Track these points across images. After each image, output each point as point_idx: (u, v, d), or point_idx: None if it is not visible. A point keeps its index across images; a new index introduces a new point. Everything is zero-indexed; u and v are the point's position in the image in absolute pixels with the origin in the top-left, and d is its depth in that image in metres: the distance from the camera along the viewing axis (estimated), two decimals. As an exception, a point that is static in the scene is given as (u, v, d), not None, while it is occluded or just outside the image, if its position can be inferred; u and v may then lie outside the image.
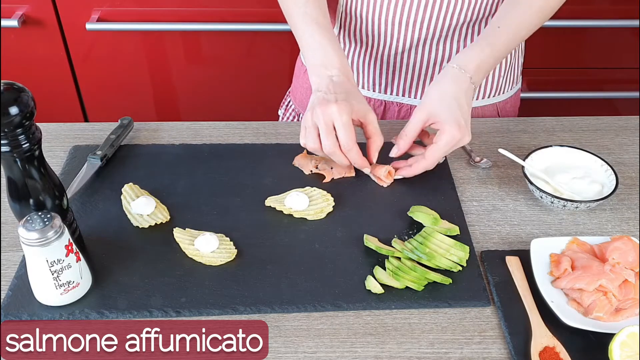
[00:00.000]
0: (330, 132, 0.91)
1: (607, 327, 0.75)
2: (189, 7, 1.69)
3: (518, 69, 1.22)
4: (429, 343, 0.76)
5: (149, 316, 0.77)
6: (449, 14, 1.06)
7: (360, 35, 1.13)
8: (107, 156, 1.00)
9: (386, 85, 1.18)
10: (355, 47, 1.16)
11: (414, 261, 0.83)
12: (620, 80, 1.91)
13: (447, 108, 0.92)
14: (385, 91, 1.19)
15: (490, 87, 1.18)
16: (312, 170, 0.99)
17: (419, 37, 1.09)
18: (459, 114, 0.92)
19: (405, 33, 1.09)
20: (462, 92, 0.94)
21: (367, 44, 1.14)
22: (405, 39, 1.10)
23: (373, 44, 1.13)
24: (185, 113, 1.92)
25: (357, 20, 1.11)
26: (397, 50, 1.12)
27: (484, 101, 1.19)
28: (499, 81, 1.18)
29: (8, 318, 0.77)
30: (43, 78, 1.77)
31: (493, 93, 1.19)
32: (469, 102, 0.95)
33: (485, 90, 1.18)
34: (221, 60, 1.79)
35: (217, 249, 0.85)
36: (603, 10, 1.75)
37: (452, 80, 0.94)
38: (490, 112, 1.20)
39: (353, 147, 0.92)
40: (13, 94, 0.70)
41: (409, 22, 1.07)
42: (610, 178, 0.94)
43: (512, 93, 1.23)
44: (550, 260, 0.83)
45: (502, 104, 1.21)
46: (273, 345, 0.75)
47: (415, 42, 1.10)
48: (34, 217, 0.72)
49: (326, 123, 0.91)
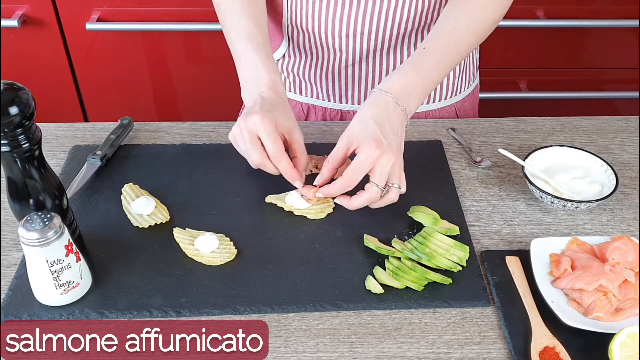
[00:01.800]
0: (255, 142, 0.88)
1: (607, 327, 0.75)
2: (189, 7, 1.69)
3: (473, 66, 1.22)
4: (429, 343, 0.76)
5: (149, 316, 0.77)
6: (395, 23, 1.05)
7: (310, 48, 1.12)
8: (107, 156, 1.00)
9: (340, 95, 1.17)
10: (305, 59, 1.14)
11: (414, 261, 0.83)
12: (620, 80, 1.91)
13: (364, 129, 0.86)
14: (340, 101, 1.18)
15: (445, 89, 1.18)
16: (312, 170, 0.98)
17: (367, 48, 1.08)
18: (378, 132, 0.86)
19: (353, 45, 1.08)
20: (385, 113, 0.88)
21: (317, 56, 1.12)
22: (354, 50, 1.08)
23: (323, 57, 1.12)
24: (185, 113, 1.92)
25: (304, 34, 1.10)
26: (347, 62, 1.11)
27: (441, 103, 1.19)
28: (454, 82, 1.18)
29: (8, 318, 0.77)
30: (43, 78, 1.77)
31: (450, 94, 1.19)
32: (393, 122, 0.88)
33: (441, 93, 1.18)
34: (221, 60, 1.78)
35: (217, 249, 0.85)
36: (603, 10, 1.75)
37: (372, 104, 0.89)
38: (449, 112, 1.21)
39: (282, 156, 0.88)
40: (13, 93, 0.70)
41: (355, 34, 1.06)
42: (610, 178, 0.94)
43: (469, 91, 1.23)
44: (550, 260, 0.83)
45: (460, 104, 1.22)
46: (273, 345, 0.75)
47: (365, 53, 1.09)
48: (34, 217, 0.72)
49: (250, 134, 0.88)
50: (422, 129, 1.10)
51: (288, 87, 1.21)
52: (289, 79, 1.20)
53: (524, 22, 1.72)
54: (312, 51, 1.12)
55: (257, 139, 0.89)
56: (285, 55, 1.17)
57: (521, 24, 1.73)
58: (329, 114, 1.20)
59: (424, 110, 1.18)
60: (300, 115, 1.22)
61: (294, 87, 1.21)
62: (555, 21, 1.72)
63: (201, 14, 1.69)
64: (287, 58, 1.17)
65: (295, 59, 1.16)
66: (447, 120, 1.13)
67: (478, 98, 1.29)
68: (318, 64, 1.14)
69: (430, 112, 1.19)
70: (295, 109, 1.21)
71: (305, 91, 1.20)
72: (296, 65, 1.17)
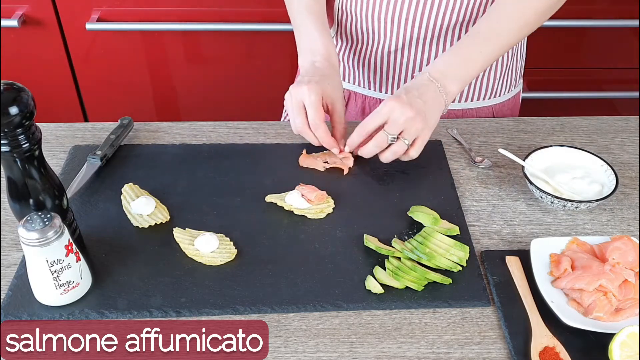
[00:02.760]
0: (300, 110, 0.97)
1: (607, 327, 0.75)
2: (189, 7, 1.69)
3: (516, 72, 1.23)
4: (429, 343, 0.76)
5: (148, 316, 0.77)
6: (440, 13, 1.07)
7: (357, 33, 1.14)
8: (107, 156, 1.00)
9: (380, 83, 1.19)
10: (351, 45, 1.17)
11: (414, 261, 0.83)
12: (620, 80, 1.91)
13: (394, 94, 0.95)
14: (380, 89, 1.20)
15: (485, 89, 1.18)
16: (326, 166, 1.00)
17: (411, 36, 1.10)
18: (402, 92, 0.94)
19: (397, 31, 1.10)
20: (417, 83, 0.96)
21: (362, 41, 1.15)
22: (397, 37, 1.11)
23: (367, 42, 1.14)
24: (185, 113, 1.92)
25: (352, 17, 1.13)
26: (390, 48, 1.13)
27: (478, 103, 1.20)
28: (494, 84, 1.19)
29: (8, 318, 0.77)
30: (43, 78, 1.77)
31: (488, 95, 1.20)
32: (423, 91, 0.95)
33: (480, 92, 1.19)
34: (221, 60, 1.79)
35: (217, 249, 0.85)
36: (603, 10, 1.75)
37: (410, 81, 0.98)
38: (486, 114, 1.21)
39: (320, 125, 0.96)
40: (13, 93, 0.70)
41: (400, 20, 1.09)
42: (610, 178, 0.94)
43: (510, 96, 1.23)
44: (550, 260, 0.83)
45: (499, 107, 1.22)
46: (273, 345, 0.75)
47: (407, 40, 1.11)
48: (34, 217, 0.72)
49: (297, 102, 0.97)
50: (422, 129, 1.10)
51: None
52: None
53: (524, 22, 1.72)
54: (358, 36, 1.15)
55: (303, 108, 0.97)
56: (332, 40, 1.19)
57: (521, 24, 1.73)
58: (367, 103, 1.22)
59: (461, 108, 1.19)
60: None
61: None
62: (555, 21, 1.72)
63: (201, 14, 1.69)
64: (334, 42, 1.20)
65: (342, 43, 1.19)
66: (447, 120, 1.13)
67: (519, 105, 1.29)
68: (362, 49, 1.16)
69: (467, 111, 1.20)
70: None
71: (348, 77, 1.22)
72: (342, 50, 1.20)
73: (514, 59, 1.20)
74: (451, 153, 1.05)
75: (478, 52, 0.99)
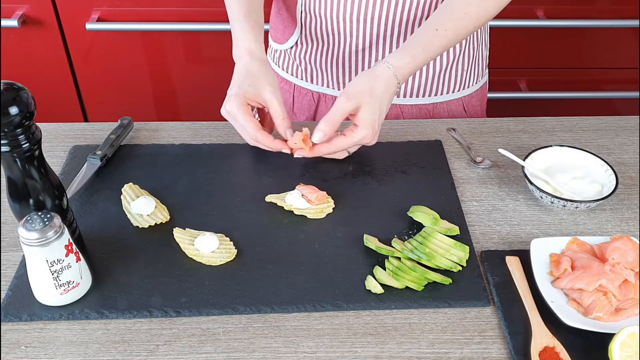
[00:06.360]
0: (240, 127, 0.96)
1: (607, 327, 0.75)
2: (189, 7, 1.69)
3: (482, 61, 1.24)
4: (429, 343, 0.76)
5: (149, 316, 0.77)
6: (405, 9, 1.07)
7: (322, 35, 1.14)
8: (107, 156, 1.00)
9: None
10: (317, 46, 1.17)
11: (414, 261, 0.83)
12: (620, 80, 1.91)
13: (371, 110, 0.93)
14: None
15: (454, 82, 1.19)
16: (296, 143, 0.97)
17: (377, 34, 1.10)
18: (377, 119, 0.94)
19: (364, 30, 1.10)
20: (389, 96, 0.96)
21: (328, 42, 1.15)
22: (364, 36, 1.11)
23: (334, 43, 1.14)
24: (185, 113, 1.92)
25: (316, 19, 1.12)
26: (357, 47, 1.13)
27: (449, 96, 1.20)
28: (462, 76, 1.19)
29: (8, 318, 0.77)
30: (43, 78, 1.77)
31: (458, 87, 1.20)
32: (388, 107, 0.97)
33: (449, 86, 1.19)
34: (221, 60, 1.78)
35: (217, 249, 0.85)
36: (603, 10, 1.75)
37: (385, 82, 0.95)
38: (456, 106, 1.22)
39: (259, 137, 0.94)
40: (13, 93, 0.70)
41: (366, 19, 1.09)
42: (610, 178, 0.94)
43: (478, 87, 1.24)
44: (550, 260, 0.83)
45: (468, 99, 1.23)
46: (273, 345, 0.75)
47: (374, 38, 1.11)
48: (34, 217, 0.72)
49: (232, 120, 0.97)
50: (422, 129, 1.10)
51: (300, 76, 1.23)
52: (301, 67, 1.22)
53: (524, 22, 1.73)
54: (324, 37, 1.14)
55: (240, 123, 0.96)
56: (297, 43, 1.19)
57: (521, 24, 1.73)
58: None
59: (432, 102, 1.20)
60: (311, 104, 1.24)
61: (305, 75, 1.23)
62: (555, 21, 1.73)
63: (201, 14, 1.69)
64: (300, 45, 1.19)
65: (307, 46, 1.18)
66: (447, 120, 1.13)
67: (486, 96, 1.30)
68: (329, 50, 1.16)
69: (437, 105, 1.20)
70: (306, 98, 1.24)
71: (316, 79, 1.22)
72: (308, 53, 1.19)
73: (479, 49, 1.20)
74: (451, 153, 1.05)
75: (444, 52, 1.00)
